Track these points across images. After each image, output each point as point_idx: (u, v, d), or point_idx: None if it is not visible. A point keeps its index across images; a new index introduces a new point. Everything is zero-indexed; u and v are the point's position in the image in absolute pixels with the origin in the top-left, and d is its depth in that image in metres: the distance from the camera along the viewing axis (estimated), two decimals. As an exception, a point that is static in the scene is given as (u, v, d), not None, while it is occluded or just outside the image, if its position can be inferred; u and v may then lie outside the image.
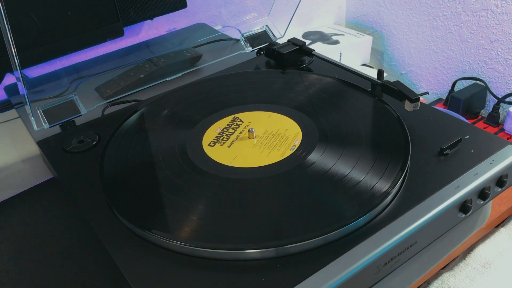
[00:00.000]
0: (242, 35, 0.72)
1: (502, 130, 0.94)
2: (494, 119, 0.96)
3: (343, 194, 0.43)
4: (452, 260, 0.55)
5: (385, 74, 0.59)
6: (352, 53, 1.11)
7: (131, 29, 0.91)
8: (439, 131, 0.52)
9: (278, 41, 0.74)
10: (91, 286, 0.43)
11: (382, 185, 0.43)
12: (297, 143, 0.51)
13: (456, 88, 1.04)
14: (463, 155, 0.48)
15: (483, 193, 0.46)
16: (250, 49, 0.72)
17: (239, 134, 0.53)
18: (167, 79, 0.67)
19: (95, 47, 0.89)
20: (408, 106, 0.53)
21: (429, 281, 0.53)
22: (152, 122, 0.58)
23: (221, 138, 0.53)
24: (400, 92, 0.54)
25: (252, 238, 0.40)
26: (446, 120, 0.54)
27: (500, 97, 0.96)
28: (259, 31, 0.74)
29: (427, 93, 0.79)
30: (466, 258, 0.55)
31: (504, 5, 0.93)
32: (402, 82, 0.55)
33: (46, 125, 0.57)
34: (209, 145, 0.52)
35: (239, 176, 0.47)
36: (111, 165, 0.50)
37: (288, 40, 0.70)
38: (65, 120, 0.58)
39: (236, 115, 0.57)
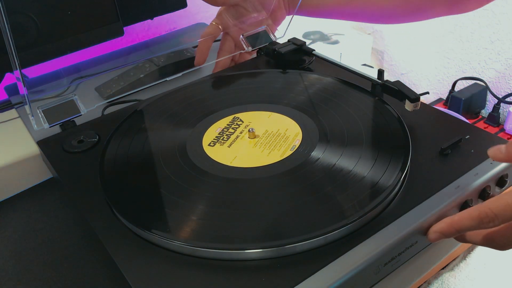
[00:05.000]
0: (242, 35, 0.72)
1: (503, 130, 0.94)
2: (494, 119, 0.97)
3: (343, 194, 0.43)
4: (453, 260, 0.55)
5: (385, 74, 0.58)
6: (353, 53, 1.11)
7: (131, 29, 0.91)
8: (439, 131, 0.52)
9: (278, 41, 0.74)
10: (91, 286, 0.43)
11: (382, 185, 0.43)
12: (297, 143, 0.51)
13: (457, 88, 1.04)
14: (464, 155, 0.48)
15: (483, 193, 0.46)
16: (250, 49, 0.72)
17: (239, 134, 0.53)
18: (167, 79, 0.67)
19: (95, 47, 0.89)
20: (409, 106, 0.53)
21: (429, 281, 0.53)
22: (152, 122, 0.58)
23: (221, 138, 0.53)
24: (400, 92, 0.54)
25: (252, 238, 0.40)
26: (446, 120, 0.54)
27: (500, 97, 0.96)
28: (259, 31, 0.74)
29: (427, 93, 0.78)
30: (467, 258, 0.55)
31: (504, 5, 0.93)
32: (403, 82, 0.55)
33: (46, 125, 0.57)
34: (209, 145, 0.52)
35: (239, 176, 0.47)
36: (111, 165, 0.50)
37: (288, 40, 0.70)
38: (65, 120, 0.58)
39: (236, 115, 0.57)
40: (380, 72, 0.58)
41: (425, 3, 0.67)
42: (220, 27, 0.71)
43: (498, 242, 0.39)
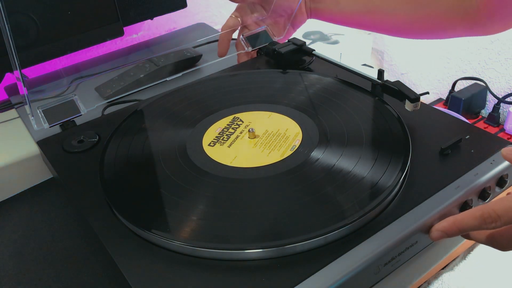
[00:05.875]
0: (242, 35, 0.72)
1: (503, 130, 0.94)
2: (494, 119, 0.97)
3: (343, 194, 0.43)
4: (453, 260, 0.55)
5: (385, 74, 0.58)
6: (352, 53, 1.11)
7: (131, 29, 0.91)
8: (439, 131, 0.52)
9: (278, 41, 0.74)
10: (91, 286, 0.43)
11: (382, 186, 0.43)
12: (297, 143, 0.51)
13: (457, 88, 1.04)
14: (464, 155, 0.48)
15: (483, 193, 0.46)
16: (250, 49, 0.72)
17: (239, 134, 0.53)
18: (167, 79, 0.67)
19: (95, 47, 0.89)
20: (409, 106, 0.53)
21: (429, 281, 0.53)
22: (152, 122, 0.58)
23: (221, 138, 0.53)
24: (400, 92, 0.54)
25: (252, 238, 0.40)
26: (446, 120, 0.54)
27: (500, 97, 0.96)
28: (259, 30, 0.74)
29: (427, 93, 0.78)
30: (467, 258, 0.55)
31: (504, 5, 0.93)
32: (403, 82, 0.55)
33: (46, 125, 0.57)
34: (209, 145, 0.52)
35: (239, 176, 0.47)
36: (111, 165, 0.50)
37: (288, 40, 0.70)
38: (65, 120, 0.58)
39: (236, 115, 0.57)
40: (380, 72, 0.58)
41: (445, 22, 0.66)
42: (239, 19, 0.72)
43: (500, 243, 0.39)
